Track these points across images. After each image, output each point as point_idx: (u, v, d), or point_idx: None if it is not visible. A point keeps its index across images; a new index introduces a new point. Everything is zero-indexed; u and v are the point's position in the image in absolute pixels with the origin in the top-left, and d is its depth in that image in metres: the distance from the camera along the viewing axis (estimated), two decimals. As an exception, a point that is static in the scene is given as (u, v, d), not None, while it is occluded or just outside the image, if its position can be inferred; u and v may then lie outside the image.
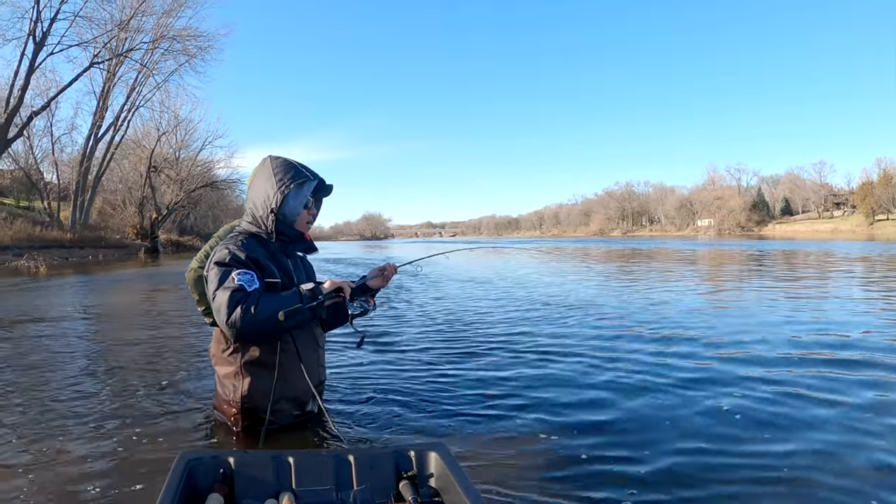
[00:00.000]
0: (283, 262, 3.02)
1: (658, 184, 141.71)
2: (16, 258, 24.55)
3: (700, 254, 28.17)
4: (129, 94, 40.58)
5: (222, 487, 1.81)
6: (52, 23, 29.52)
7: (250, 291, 2.71)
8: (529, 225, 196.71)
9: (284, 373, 2.92)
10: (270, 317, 2.65)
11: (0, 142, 29.02)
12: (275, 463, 1.89)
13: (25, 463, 2.79)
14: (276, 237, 3.01)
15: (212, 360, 3.09)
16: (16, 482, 2.58)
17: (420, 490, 1.92)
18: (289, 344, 2.93)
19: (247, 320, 2.64)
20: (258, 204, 2.99)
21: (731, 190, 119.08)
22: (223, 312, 2.66)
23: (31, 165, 42.52)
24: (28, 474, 2.66)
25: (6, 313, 8.87)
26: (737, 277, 14.35)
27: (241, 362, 2.92)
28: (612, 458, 2.86)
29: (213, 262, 2.83)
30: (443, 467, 1.92)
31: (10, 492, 2.47)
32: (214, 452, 1.97)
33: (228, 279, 2.73)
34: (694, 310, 8.05)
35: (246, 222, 3.07)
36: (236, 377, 2.94)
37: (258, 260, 2.86)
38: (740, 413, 3.52)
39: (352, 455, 1.96)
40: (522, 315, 7.83)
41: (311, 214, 3.12)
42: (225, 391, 3.02)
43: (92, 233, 39.47)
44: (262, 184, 2.98)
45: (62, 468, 2.71)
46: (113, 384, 4.33)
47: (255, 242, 2.95)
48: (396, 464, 1.98)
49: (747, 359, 4.90)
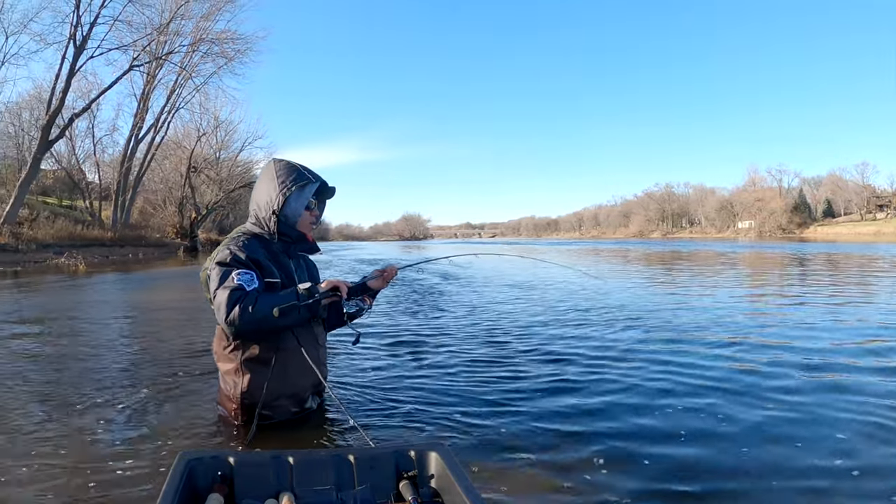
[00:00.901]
0: (284, 263, 3.10)
1: (698, 185, 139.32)
2: (56, 256, 25.15)
3: (743, 257, 27.34)
4: (169, 96, 41.37)
5: (222, 487, 1.81)
6: (92, 27, 30.08)
7: (249, 291, 2.78)
8: (568, 226, 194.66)
9: (284, 370, 2.98)
10: (267, 315, 2.71)
11: (42, 143, 29.63)
12: (275, 463, 1.89)
13: (25, 459, 2.82)
14: (279, 238, 3.08)
15: (214, 357, 3.15)
16: (15, 478, 2.59)
17: (420, 490, 1.92)
18: (289, 342, 2.98)
19: (244, 319, 2.71)
20: (261, 205, 3.07)
21: (772, 191, 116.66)
22: (222, 311, 2.74)
23: (73, 166, 43.52)
24: (27, 471, 2.67)
25: (36, 310, 9.03)
26: (788, 281, 13.88)
27: (241, 359, 2.98)
28: (614, 461, 2.83)
29: (215, 262, 2.91)
30: (443, 467, 1.91)
31: (10, 489, 2.48)
32: (214, 452, 1.97)
33: (228, 279, 2.81)
34: (740, 316, 7.69)
35: (249, 223, 3.15)
36: (237, 373, 3.01)
37: (258, 260, 2.93)
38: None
39: (352, 455, 1.95)
40: (537, 316, 7.72)
41: (314, 216, 3.21)
42: (226, 387, 3.09)
43: (132, 232, 40.26)
44: (265, 186, 3.07)
45: (62, 467, 2.72)
46: (123, 381, 4.35)
47: (256, 243, 3.02)
48: (397, 464, 1.97)
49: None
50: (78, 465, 2.74)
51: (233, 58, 39.24)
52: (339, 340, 5.41)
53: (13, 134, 40.92)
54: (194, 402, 3.70)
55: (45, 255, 25.80)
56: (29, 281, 15.06)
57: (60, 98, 29.36)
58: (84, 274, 18.25)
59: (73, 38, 29.11)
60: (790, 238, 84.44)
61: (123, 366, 4.89)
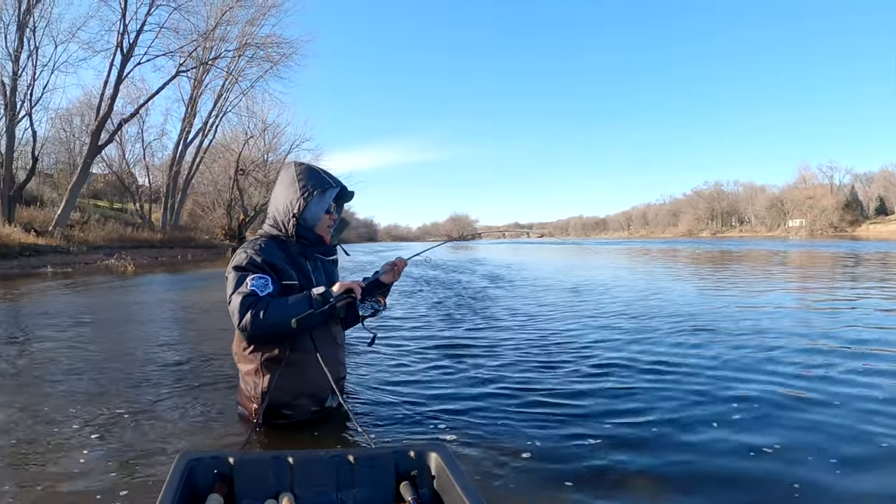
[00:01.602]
0: (302, 265, 3.14)
1: (748, 183, 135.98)
2: (107, 257, 25.84)
3: (796, 256, 26.40)
4: (217, 101, 42.02)
5: (222, 488, 1.83)
6: (139, 35, 30.73)
7: (262, 296, 2.83)
8: (617, 225, 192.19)
9: (303, 370, 3.01)
10: (279, 322, 2.77)
11: (92, 147, 30.47)
12: (275, 463, 1.90)
13: (24, 457, 2.85)
14: (297, 240, 3.13)
15: (234, 358, 3.19)
16: (15, 477, 2.61)
17: (420, 490, 1.92)
18: (307, 342, 3.01)
19: (256, 324, 2.78)
20: (280, 208, 3.13)
21: (823, 188, 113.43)
22: (236, 317, 2.82)
23: (123, 169, 44.66)
24: (26, 470, 2.70)
25: (75, 308, 9.21)
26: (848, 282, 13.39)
27: (261, 360, 3.02)
28: (616, 463, 2.80)
29: (232, 266, 2.97)
30: (443, 468, 1.91)
31: (8, 487, 2.49)
32: (214, 452, 1.99)
33: (243, 284, 2.87)
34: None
35: (268, 226, 3.20)
36: (257, 374, 3.04)
37: (275, 264, 2.98)
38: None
39: (352, 455, 1.96)
40: (554, 318, 7.61)
41: (333, 219, 3.27)
42: (247, 387, 3.13)
43: (182, 233, 41.13)
44: (285, 189, 3.13)
45: (61, 467, 2.73)
46: (139, 378, 4.40)
47: (274, 246, 3.08)
48: (396, 464, 1.98)
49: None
50: (77, 464, 2.75)
51: (278, 62, 39.62)
52: (357, 339, 5.45)
53: (65, 139, 42.15)
54: (205, 402, 3.72)
55: (95, 256, 26.52)
56: (74, 281, 15.47)
57: (109, 104, 30.10)
58: (132, 274, 18.64)
59: (119, 45, 29.83)
60: (841, 236, 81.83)
61: (143, 365, 4.91)
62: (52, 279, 16.39)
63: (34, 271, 20.20)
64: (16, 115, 27.05)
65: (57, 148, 42.61)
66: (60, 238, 26.60)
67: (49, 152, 41.86)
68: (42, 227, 27.00)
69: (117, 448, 2.95)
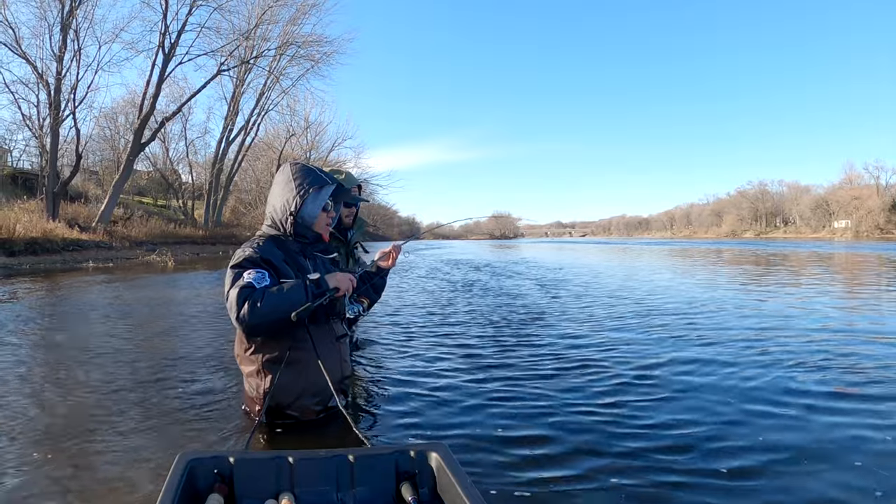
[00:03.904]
0: (301, 263, 3.14)
1: (792, 182, 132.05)
2: (148, 253, 26.44)
3: (843, 259, 25.56)
4: (259, 99, 42.46)
5: (222, 488, 1.85)
6: (180, 34, 31.39)
7: (259, 288, 2.82)
8: (660, 225, 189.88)
9: (305, 369, 3.00)
10: (276, 308, 2.77)
11: (135, 145, 31.12)
12: (275, 463, 1.91)
13: (23, 458, 2.82)
14: (295, 238, 3.16)
15: (237, 360, 3.20)
16: (14, 477, 2.60)
17: (420, 490, 1.93)
18: (307, 341, 3.01)
19: (254, 313, 2.76)
20: (277, 208, 3.15)
21: (869, 189, 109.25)
22: (234, 309, 2.79)
23: (167, 167, 45.48)
24: (26, 470, 2.68)
25: (115, 303, 9.33)
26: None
27: (262, 360, 3.02)
28: (617, 462, 2.79)
29: (230, 265, 2.97)
30: (443, 468, 1.91)
31: (7, 487, 2.49)
32: (214, 453, 2.00)
33: (240, 279, 2.86)
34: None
35: (266, 226, 3.23)
36: (259, 375, 3.05)
37: (272, 261, 2.99)
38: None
39: (352, 455, 1.96)
40: (552, 316, 7.59)
41: (331, 217, 3.29)
42: (250, 389, 3.14)
43: (224, 230, 41.84)
44: (282, 189, 3.16)
45: (61, 466, 2.74)
46: (146, 376, 4.42)
47: (272, 245, 3.09)
48: (397, 464, 1.98)
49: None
50: (77, 463, 2.76)
51: (319, 60, 39.91)
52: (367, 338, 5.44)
53: (109, 137, 43.00)
54: (208, 402, 3.71)
55: (137, 251, 27.16)
56: (112, 276, 15.82)
57: (151, 103, 30.74)
58: (171, 270, 19.03)
59: (161, 45, 30.52)
60: (888, 238, 79.46)
61: (151, 362, 4.93)
62: (92, 274, 16.77)
63: (77, 266, 20.74)
64: (60, 114, 27.79)
65: (101, 145, 43.55)
66: (103, 234, 27.27)
67: (94, 150, 42.93)
68: (86, 223, 27.71)
69: (117, 447, 2.96)
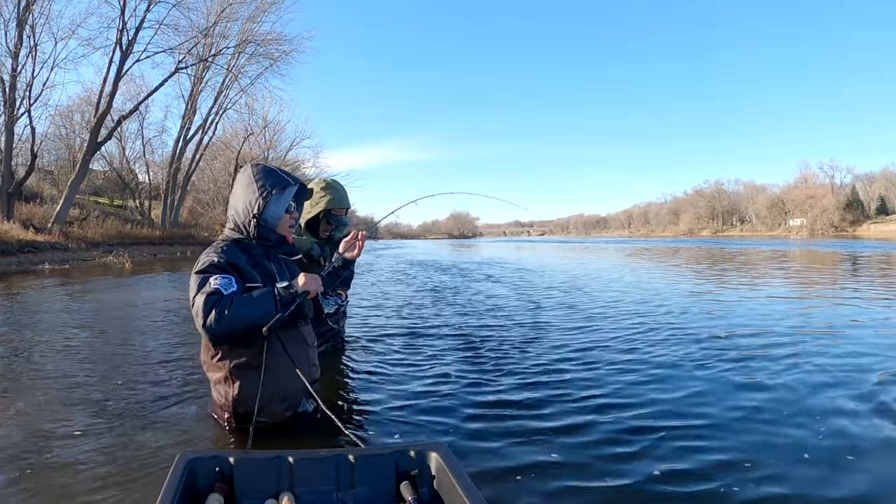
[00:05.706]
0: (266, 267, 3.09)
1: (749, 182, 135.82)
2: (105, 254, 25.93)
3: (799, 255, 26.28)
4: (217, 98, 41.83)
5: (222, 487, 1.85)
6: (138, 31, 30.64)
7: (226, 295, 2.76)
8: (618, 224, 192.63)
9: (274, 374, 2.94)
10: (244, 316, 2.73)
11: (91, 144, 30.41)
12: (275, 463, 1.92)
13: (23, 459, 2.81)
14: (259, 241, 3.09)
15: (203, 367, 3.13)
16: (14, 477, 2.60)
17: (420, 490, 1.95)
18: (276, 345, 2.95)
19: (221, 322, 2.70)
20: (239, 210, 3.08)
21: (823, 188, 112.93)
22: (200, 317, 2.73)
23: (123, 166, 44.56)
24: (25, 471, 2.67)
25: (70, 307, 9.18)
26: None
27: (230, 367, 2.96)
28: (617, 462, 2.81)
29: (194, 270, 2.92)
30: (443, 467, 1.93)
31: (6, 489, 2.48)
32: (215, 452, 2.00)
33: (206, 284, 2.80)
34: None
35: (228, 229, 3.15)
36: (226, 382, 2.99)
37: (238, 265, 2.93)
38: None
39: (352, 455, 1.98)
40: (548, 314, 7.69)
41: (293, 218, 3.23)
42: (218, 396, 3.07)
43: (181, 230, 41.02)
44: (244, 190, 3.08)
45: (61, 467, 2.72)
46: (127, 380, 4.35)
47: (236, 249, 3.03)
48: (397, 464, 2.00)
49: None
50: (77, 464, 2.75)
51: (278, 59, 39.54)
52: (357, 337, 5.41)
53: (64, 136, 42.02)
54: (205, 402, 3.64)
55: (94, 253, 26.47)
56: (70, 279, 15.43)
57: (108, 101, 30.05)
58: (129, 272, 18.60)
59: (119, 42, 29.78)
60: (842, 236, 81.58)
61: (135, 363, 4.92)
62: (48, 276, 16.35)
63: (32, 268, 20.09)
64: (15, 112, 26.99)
65: (57, 145, 42.41)
66: (59, 235, 26.52)
67: (49, 149, 41.71)
68: (41, 224, 26.94)
69: (117, 448, 2.95)
